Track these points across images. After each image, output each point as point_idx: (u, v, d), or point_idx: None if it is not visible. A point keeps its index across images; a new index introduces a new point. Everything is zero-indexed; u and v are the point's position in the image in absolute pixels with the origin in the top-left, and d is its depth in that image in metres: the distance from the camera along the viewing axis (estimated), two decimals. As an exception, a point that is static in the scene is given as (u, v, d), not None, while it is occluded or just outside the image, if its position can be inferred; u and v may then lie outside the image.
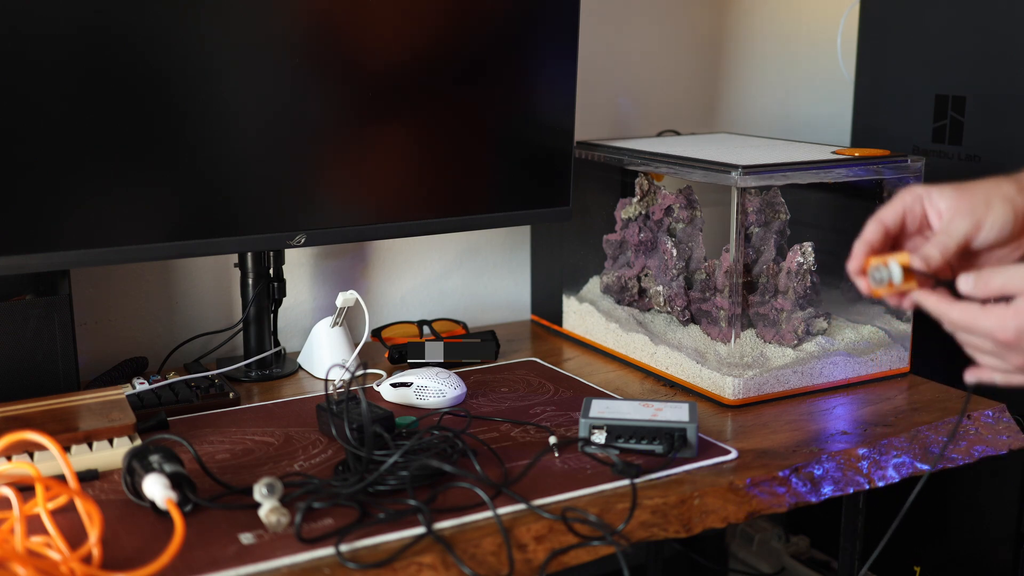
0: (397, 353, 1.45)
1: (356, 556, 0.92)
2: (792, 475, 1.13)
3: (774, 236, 1.41)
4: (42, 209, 1.19)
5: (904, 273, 0.92)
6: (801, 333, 1.38)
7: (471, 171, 1.46)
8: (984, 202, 0.95)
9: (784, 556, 1.97)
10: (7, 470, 1.00)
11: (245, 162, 1.30)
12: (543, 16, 1.45)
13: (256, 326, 1.43)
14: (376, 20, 1.34)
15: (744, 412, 1.30)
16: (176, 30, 1.22)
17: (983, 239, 0.95)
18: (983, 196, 0.95)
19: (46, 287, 1.27)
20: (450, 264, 1.70)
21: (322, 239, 1.38)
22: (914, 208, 0.98)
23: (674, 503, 1.05)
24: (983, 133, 1.60)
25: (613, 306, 1.55)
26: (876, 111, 1.77)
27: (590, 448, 1.14)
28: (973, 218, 0.94)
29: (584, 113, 1.59)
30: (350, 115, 1.34)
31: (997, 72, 1.56)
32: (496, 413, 1.27)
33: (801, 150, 1.47)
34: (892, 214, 0.98)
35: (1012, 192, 0.95)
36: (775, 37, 1.95)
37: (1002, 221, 0.94)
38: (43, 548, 0.89)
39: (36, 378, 1.23)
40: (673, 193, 1.48)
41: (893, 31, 1.73)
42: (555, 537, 0.99)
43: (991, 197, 0.95)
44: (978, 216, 0.94)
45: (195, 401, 1.28)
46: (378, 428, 1.09)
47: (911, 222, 0.99)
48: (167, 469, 0.98)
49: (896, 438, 1.22)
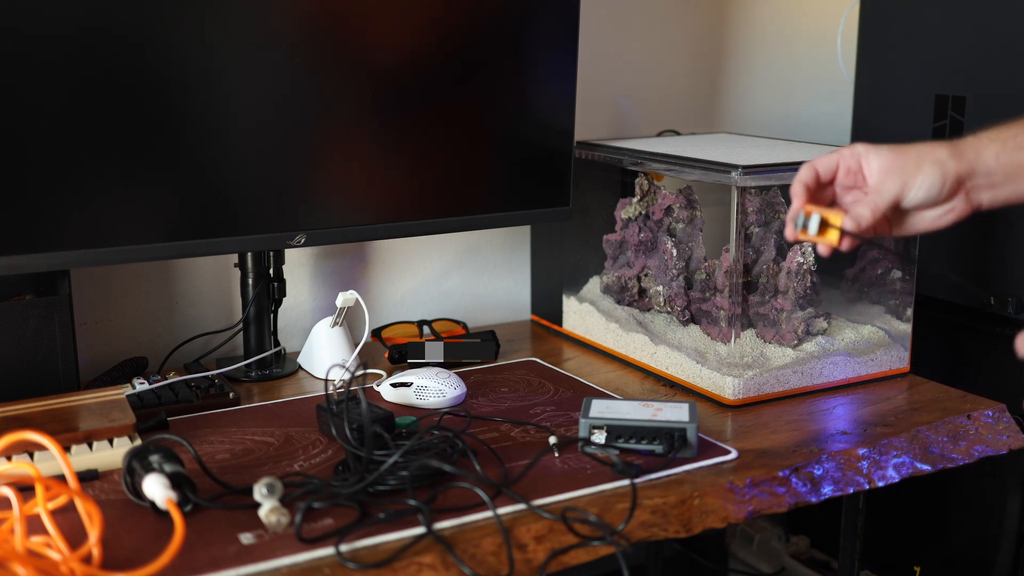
0: (397, 353, 1.45)
1: (356, 556, 0.92)
2: (792, 475, 1.13)
3: (774, 236, 1.41)
4: (42, 209, 1.19)
5: (822, 226, 1.01)
6: (801, 333, 1.38)
7: (471, 171, 1.46)
8: (915, 164, 1.01)
9: (784, 556, 1.97)
10: (7, 470, 1.00)
11: (245, 162, 1.30)
12: (543, 16, 1.45)
13: (256, 326, 1.43)
14: (376, 20, 1.34)
15: (744, 412, 1.30)
16: (176, 30, 1.22)
17: (911, 199, 1.02)
18: (915, 158, 1.02)
19: (46, 287, 1.27)
20: (450, 264, 1.70)
21: (322, 239, 1.38)
22: (850, 164, 1.05)
23: (674, 503, 1.05)
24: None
25: (613, 306, 1.55)
26: (876, 111, 1.77)
27: (590, 448, 1.14)
28: (902, 179, 1.01)
29: (584, 113, 1.59)
30: (350, 115, 1.34)
31: (997, 72, 1.56)
32: (496, 413, 1.27)
33: (801, 150, 1.47)
34: (827, 163, 1.06)
35: (944, 156, 1.01)
36: (775, 37, 1.95)
37: (929, 183, 1.01)
38: (43, 548, 0.89)
39: (36, 378, 1.23)
40: (673, 193, 1.48)
41: (893, 31, 1.73)
42: (555, 537, 0.99)
43: (922, 160, 1.01)
44: (907, 177, 1.01)
45: (195, 401, 1.28)
46: (378, 428, 1.09)
47: (845, 177, 1.06)
48: (167, 469, 0.98)
49: (896, 438, 1.22)
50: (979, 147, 1.02)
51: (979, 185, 1.03)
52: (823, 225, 1.01)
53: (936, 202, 1.03)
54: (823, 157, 1.07)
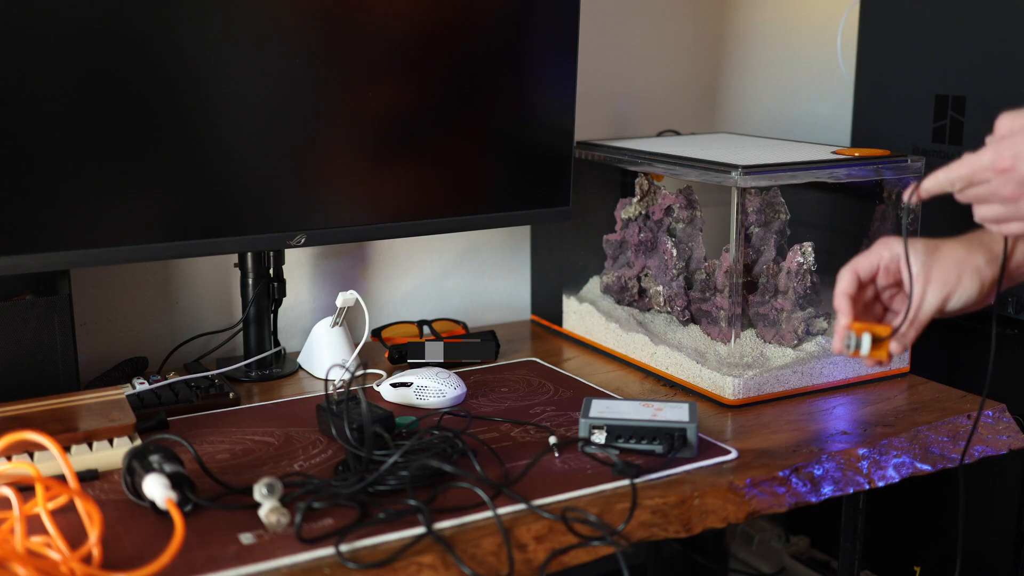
0: (397, 353, 1.45)
1: (356, 556, 0.92)
2: (792, 475, 1.13)
3: (774, 236, 1.41)
4: (42, 209, 1.19)
5: (875, 342, 1.04)
6: (801, 333, 1.38)
7: (471, 171, 1.46)
8: (956, 275, 1.05)
9: (784, 556, 1.97)
10: (7, 470, 1.00)
11: (245, 162, 1.30)
12: (543, 16, 1.45)
13: (256, 326, 1.43)
14: (376, 19, 1.34)
15: (744, 412, 1.30)
16: (177, 30, 1.21)
17: (950, 308, 1.06)
18: (955, 268, 1.05)
19: (46, 287, 1.27)
20: (450, 264, 1.70)
21: (322, 239, 1.38)
22: (889, 266, 1.08)
23: (674, 503, 1.05)
24: (983, 133, 1.58)
25: (613, 306, 1.55)
26: (876, 111, 1.77)
27: (590, 448, 1.14)
28: (944, 291, 1.05)
29: (584, 113, 1.59)
30: (350, 115, 1.34)
31: (997, 72, 1.56)
32: (496, 413, 1.27)
33: (801, 150, 1.47)
34: (867, 266, 1.08)
35: (982, 263, 1.06)
36: (775, 37, 1.95)
37: (969, 294, 1.05)
38: (43, 548, 0.89)
39: (36, 378, 1.23)
40: (673, 193, 1.48)
41: (893, 31, 1.73)
42: (555, 537, 0.99)
43: (963, 270, 1.05)
44: (949, 289, 1.05)
45: (195, 401, 1.28)
46: (378, 428, 1.09)
47: (884, 277, 1.09)
48: (167, 469, 0.98)
49: (896, 438, 1.22)
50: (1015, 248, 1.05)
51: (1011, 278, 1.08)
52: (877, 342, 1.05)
53: (971, 306, 1.07)
54: (862, 259, 1.09)
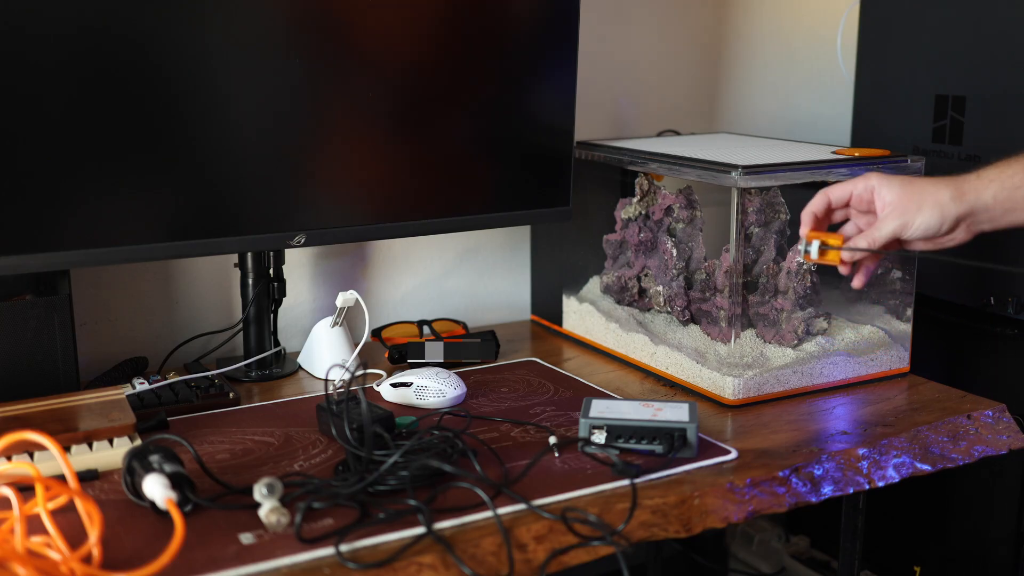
0: (397, 353, 1.45)
1: (356, 556, 0.92)
2: (792, 475, 1.13)
3: (774, 236, 1.41)
4: (42, 209, 1.19)
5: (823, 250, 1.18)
6: (801, 333, 1.38)
7: (471, 171, 1.46)
8: (916, 205, 1.13)
9: (784, 556, 1.97)
10: (7, 470, 1.00)
11: (245, 162, 1.30)
12: (543, 16, 1.45)
13: (256, 326, 1.43)
14: (376, 20, 1.34)
15: (744, 412, 1.30)
16: (177, 30, 1.21)
17: (910, 235, 1.15)
18: (917, 199, 1.14)
19: (46, 287, 1.27)
20: (450, 264, 1.70)
21: (322, 239, 1.38)
22: (862, 194, 1.19)
23: (674, 503, 1.05)
24: (983, 133, 1.60)
25: (613, 306, 1.55)
26: (876, 111, 1.77)
27: (590, 448, 1.14)
28: (903, 219, 1.14)
29: (584, 113, 1.59)
30: (350, 115, 1.34)
31: (997, 72, 1.56)
32: (496, 413, 1.27)
33: (801, 150, 1.47)
34: (839, 193, 1.20)
35: (946, 198, 1.13)
36: (775, 37, 1.95)
37: (927, 224, 1.14)
38: (43, 548, 0.89)
39: (36, 378, 1.23)
40: (673, 193, 1.48)
41: (893, 31, 1.73)
42: (555, 537, 0.99)
43: (924, 201, 1.13)
44: (907, 217, 1.14)
45: (195, 401, 1.28)
46: (378, 428, 1.09)
47: (858, 203, 1.20)
48: (167, 469, 0.98)
49: (896, 438, 1.22)
50: (980, 188, 1.13)
51: (979, 220, 1.14)
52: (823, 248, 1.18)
53: (935, 237, 1.15)
54: (837, 186, 1.21)
